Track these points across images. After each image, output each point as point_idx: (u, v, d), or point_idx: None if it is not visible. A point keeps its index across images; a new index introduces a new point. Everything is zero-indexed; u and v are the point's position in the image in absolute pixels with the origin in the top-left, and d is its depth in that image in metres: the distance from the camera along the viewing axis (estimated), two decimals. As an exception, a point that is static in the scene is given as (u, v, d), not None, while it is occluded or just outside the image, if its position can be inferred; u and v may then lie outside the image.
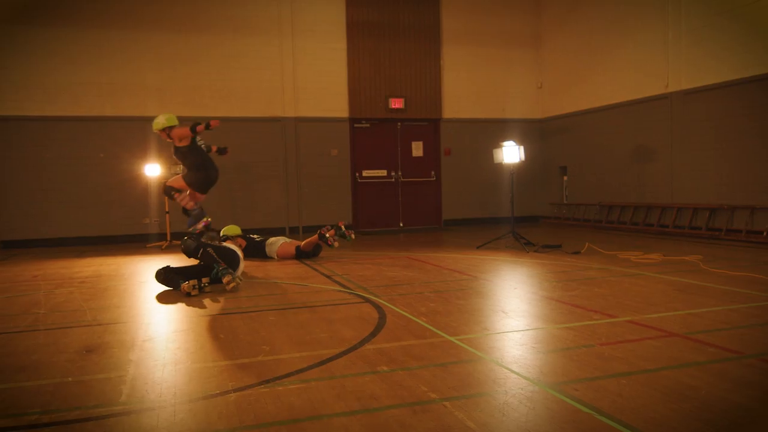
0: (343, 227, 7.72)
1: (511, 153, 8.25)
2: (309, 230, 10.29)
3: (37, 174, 10.51)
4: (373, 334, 3.89)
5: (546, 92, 13.13)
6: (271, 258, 7.94)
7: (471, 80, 12.73)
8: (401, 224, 12.49)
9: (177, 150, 6.69)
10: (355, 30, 11.99)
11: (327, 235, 7.56)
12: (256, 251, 7.95)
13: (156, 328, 4.27)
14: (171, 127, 6.68)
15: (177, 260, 7.97)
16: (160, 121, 6.64)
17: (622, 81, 10.98)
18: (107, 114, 10.79)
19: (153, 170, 10.06)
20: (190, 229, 6.64)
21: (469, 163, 12.64)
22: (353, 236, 7.85)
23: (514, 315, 4.41)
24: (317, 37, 11.81)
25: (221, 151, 7.42)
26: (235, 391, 2.90)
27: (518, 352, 3.46)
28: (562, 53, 12.63)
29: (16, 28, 10.35)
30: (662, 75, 10.07)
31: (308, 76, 11.77)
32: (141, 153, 10.66)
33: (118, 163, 10.75)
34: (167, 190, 6.87)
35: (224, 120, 11.15)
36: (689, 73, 9.58)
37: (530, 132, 12.86)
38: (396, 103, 12.24)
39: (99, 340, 3.94)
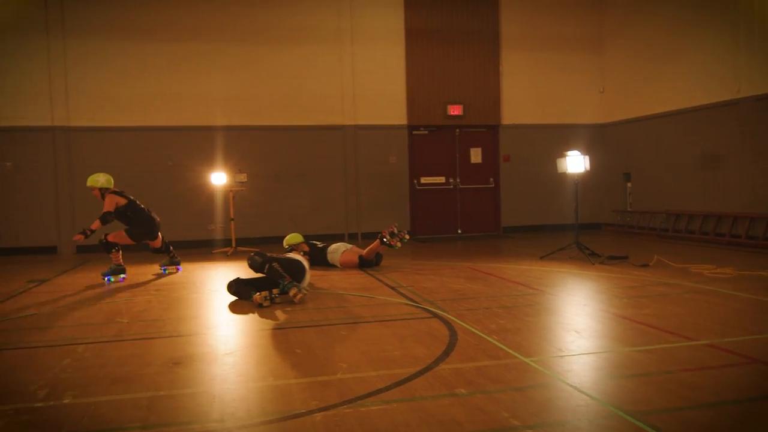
0: (395, 230, 7.77)
1: (575, 163, 8.13)
2: (367, 237, 10.40)
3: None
4: (446, 353, 3.92)
5: (608, 97, 12.85)
6: (333, 266, 8.08)
7: (531, 85, 12.59)
8: (459, 231, 12.46)
9: (116, 211, 7.38)
10: (413, 37, 12.05)
11: (387, 238, 7.65)
12: (318, 258, 8.09)
13: (234, 341, 4.43)
14: (107, 189, 7.40)
15: (242, 266, 8.20)
16: (100, 180, 7.38)
17: (689, 85, 10.64)
18: (174, 124, 11.19)
19: (218, 178, 10.37)
20: (104, 278, 7.28)
21: (528, 169, 12.51)
22: (407, 237, 7.87)
23: (587, 335, 4.36)
24: (376, 45, 11.93)
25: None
26: (320, 410, 2.99)
27: (596, 376, 3.43)
28: (624, 57, 12.34)
29: (92, 43, 10.86)
30: (733, 79, 9.71)
31: (367, 84, 11.90)
32: (207, 161, 11.01)
33: (185, 171, 11.14)
34: (106, 246, 7.42)
35: (285, 129, 11.54)
36: (764, 77, 9.21)
37: (592, 137, 12.61)
38: (454, 110, 12.23)
39: (183, 352, 4.11)
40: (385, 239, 7.67)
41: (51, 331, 4.81)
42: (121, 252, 7.49)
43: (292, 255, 6.47)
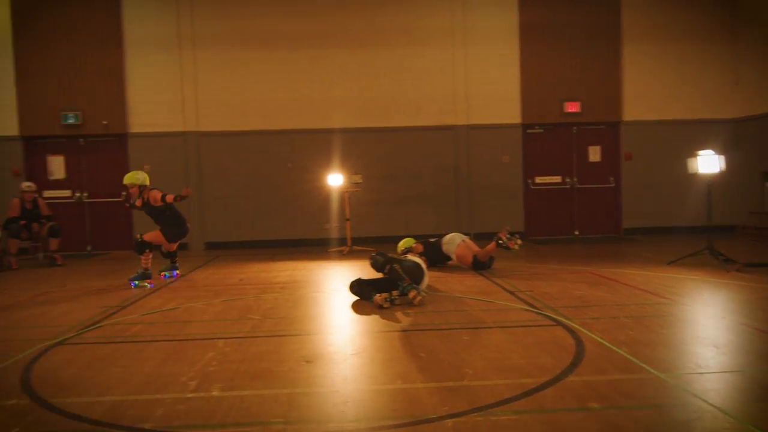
0: (504, 238, 7.60)
1: (708, 163, 7.61)
2: (480, 238, 10.30)
3: (234, 182, 11.71)
4: (574, 364, 3.83)
5: (743, 90, 11.88)
6: (447, 258, 8.09)
7: (654, 80, 11.92)
8: (577, 232, 12.05)
9: (156, 209, 7.44)
10: (528, 34, 11.79)
11: (504, 239, 7.54)
12: (433, 255, 8.13)
13: (360, 342, 4.57)
14: (145, 186, 7.47)
15: (358, 265, 8.45)
16: (139, 177, 7.43)
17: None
18: (293, 127, 11.69)
19: (335, 180, 10.71)
20: (132, 282, 7.27)
21: (652, 167, 11.86)
22: (519, 241, 7.68)
23: (728, 350, 4.10)
24: (489, 44, 11.79)
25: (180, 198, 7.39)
26: (450, 417, 3.04)
27: (740, 397, 3.22)
28: (761, 47, 11.35)
29: (218, 54, 11.59)
30: None
31: (480, 82, 11.80)
32: (324, 163, 11.40)
33: (303, 172, 11.60)
34: (140, 246, 7.41)
35: (399, 130, 11.71)
36: None
37: (723, 133, 11.73)
38: (571, 107, 11.84)
39: (313, 350, 4.31)
40: (501, 241, 7.57)
41: (193, 325, 5.21)
42: (151, 256, 7.47)
43: (411, 256, 6.57)
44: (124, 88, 11.54)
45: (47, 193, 11.32)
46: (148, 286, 7.22)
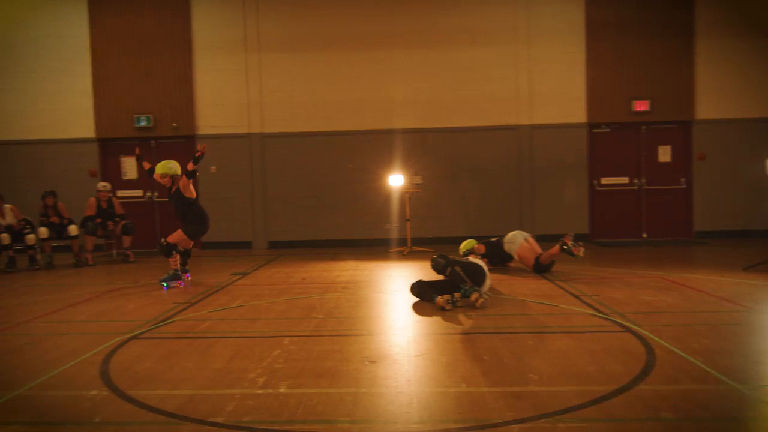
0: (570, 243, 7.42)
1: (789, 163, 7.21)
2: (541, 240, 10.04)
3: (296, 183, 11.92)
4: (645, 372, 3.71)
5: (828, 85, 11.20)
6: (509, 258, 7.99)
7: (729, 77, 11.37)
8: (644, 235, 11.64)
9: (184, 201, 7.29)
10: (594, 31, 11.47)
11: (569, 244, 7.38)
12: (495, 255, 8.03)
13: (422, 343, 4.56)
14: (177, 176, 7.30)
15: (418, 266, 8.44)
16: (172, 167, 7.28)
17: None
18: (355, 128, 11.79)
19: (396, 180, 10.74)
20: (163, 283, 7.24)
21: (726, 167, 11.33)
22: (582, 253, 7.49)
23: (813, 363, 3.87)
24: (553, 41, 11.55)
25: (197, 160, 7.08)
26: (516, 422, 3.00)
27: (831, 414, 3.04)
28: None
29: (282, 56, 11.82)
30: None
31: (543, 81, 11.58)
32: (384, 164, 11.46)
33: (364, 173, 11.70)
34: (168, 249, 7.32)
35: (460, 130, 11.64)
36: None
37: (806, 131, 11.08)
38: (640, 106, 11.45)
39: (376, 351, 4.35)
40: (566, 246, 7.40)
41: (259, 323, 5.34)
42: (178, 257, 7.40)
43: (472, 258, 6.53)
44: (193, 91, 11.95)
45: (120, 193, 11.84)
46: (179, 285, 7.28)
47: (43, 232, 9.47)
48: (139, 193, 12.20)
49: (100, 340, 4.74)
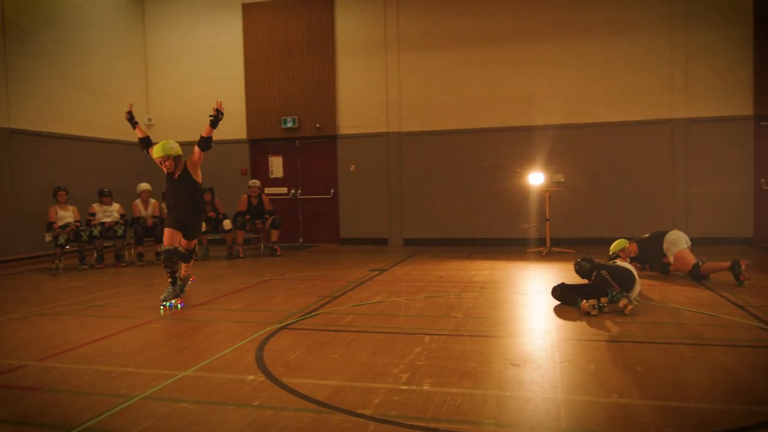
0: (743, 266, 6.69)
1: None
2: (696, 244, 9.18)
3: (432, 181, 11.99)
4: (831, 396, 3.29)
5: None
6: (662, 255, 7.38)
7: None
8: (821, 241, 10.37)
9: (193, 186, 6.28)
10: (764, 13, 10.35)
11: (743, 267, 6.65)
12: (649, 250, 7.48)
13: (568, 349, 4.38)
14: (179, 157, 6.24)
15: (556, 268, 8.14)
16: (173, 148, 6.19)
17: None
18: (492, 125, 11.62)
19: (536, 178, 10.42)
20: (165, 304, 6.09)
21: None
22: (746, 284, 6.65)
23: None
24: (716, 27, 10.58)
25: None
26: (677, 441, 2.79)
27: None
28: None
29: (420, 55, 11.93)
30: None
31: (702, 71, 10.66)
32: (522, 161, 11.18)
33: (501, 171, 11.49)
34: (189, 253, 6.54)
35: (604, 126, 11.05)
36: None
37: None
38: (817, 95, 10.18)
39: (518, 354, 4.25)
40: (737, 270, 6.61)
41: (399, 319, 5.43)
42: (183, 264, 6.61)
43: (620, 262, 6.17)
44: (335, 93, 12.42)
45: (267, 190, 12.61)
46: (180, 305, 6.13)
47: (201, 226, 10.30)
48: (284, 190, 12.92)
49: (253, 329, 5.07)
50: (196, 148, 6.21)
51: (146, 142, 6.46)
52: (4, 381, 3.87)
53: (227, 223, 10.48)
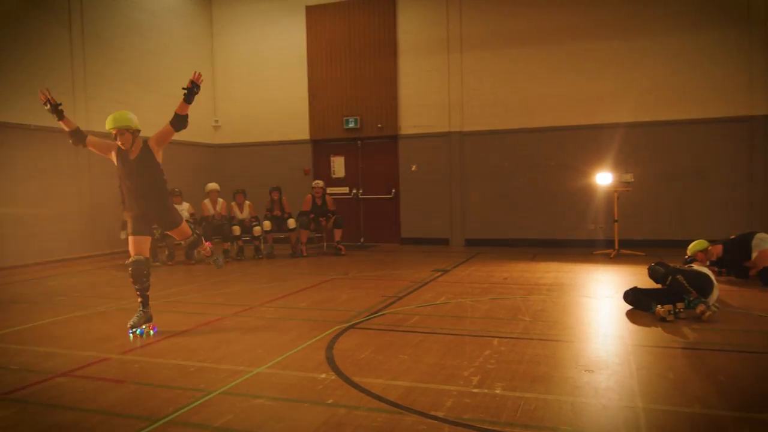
0: None
1: None
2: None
3: (495, 180, 11.85)
4: None
5: None
6: (747, 257, 7.01)
7: None
8: None
9: (155, 169, 5.33)
10: None
11: None
12: (738, 254, 7.13)
13: (643, 355, 4.24)
14: (138, 132, 5.23)
15: (625, 271, 7.90)
16: (134, 120, 5.20)
17: None
18: (557, 124, 11.37)
19: (604, 178, 10.12)
20: (132, 327, 5.09)
21: None
22: None
23: None
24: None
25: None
26: (769, 456, 2.66)
27: None
28: None
29: (484, 54, 11.80)
30: None
31: (783, 66, 10.12)
32: (588, 160, 10.89)
33: (567, 170, 11.24)
34: (198, 240, 5.90)
35: (677, 124, 10.64)
36: None
37: None
38: None
39: (592, 359, 4.14)
40: None
41: (466, 321, 5.40)
42: (209, 244, 6.10)
43: (697, 267, 5.92)
44: (397, 93, 12.46)
45: (329, 190, 12.76)
46: (152, 331, 5.12)
47: (267, 225, 10.55)
48: (345, 190, 13.05)
49: (322, 327, 5.15)
50: (168, 126, 5.24)
51: (78, 135, 5.16)
52: (92, 372, 4.07)
53: (292, 222, 10.67)
